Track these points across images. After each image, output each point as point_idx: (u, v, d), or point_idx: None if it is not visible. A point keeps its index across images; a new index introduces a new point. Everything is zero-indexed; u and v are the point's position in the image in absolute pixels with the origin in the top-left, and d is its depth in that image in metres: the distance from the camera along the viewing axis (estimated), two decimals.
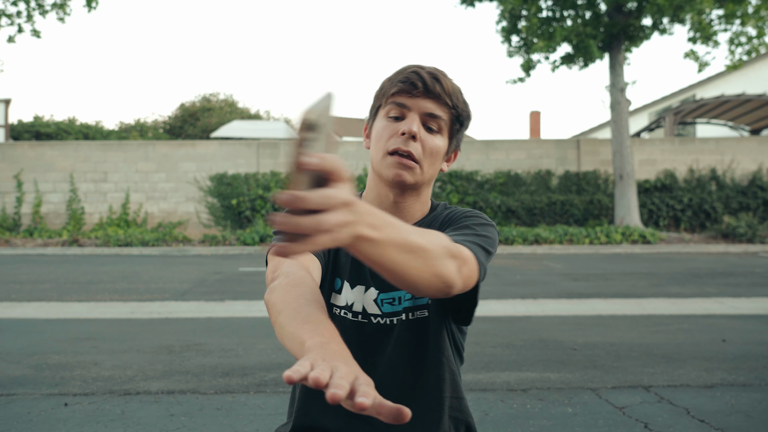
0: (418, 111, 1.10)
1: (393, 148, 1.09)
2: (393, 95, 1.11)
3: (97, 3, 13.01)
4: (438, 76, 1.10)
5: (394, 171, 1.09)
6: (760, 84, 19.36)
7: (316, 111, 0.58)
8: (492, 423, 2.53)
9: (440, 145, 1.12)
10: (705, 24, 12.35)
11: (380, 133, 1.12)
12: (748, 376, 3.17)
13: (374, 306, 1.13)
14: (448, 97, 1.10)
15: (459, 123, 1.14)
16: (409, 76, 1.10)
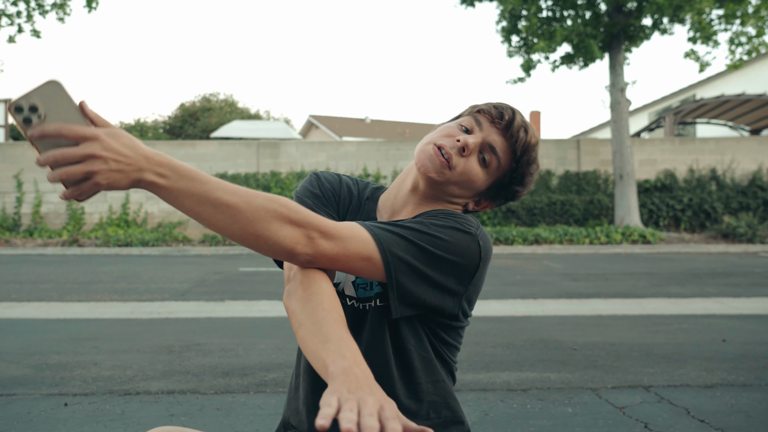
0: (486, 137, 1.08)
1: (440, 144, 1.08)
2: (478, 113, 1.10)
3: (97, 3, 13.01)
4: (527, 128, 1.09)
5: (425, 161, 1.08)
6: (760, 84, 19.36)
7: (33, 95, 0.74)
8: (492, 423, 2.53)
9: (480, 178, 1.09)
10: (705, 24, 12.35)
11: (442, 129, 1.12)
12: (748, 376, 3.17)
13: (351, 288, 1.12)
14: (519, 147, 1.08)
15: (509, 176, 1.11)
16: (505, 108, 1.09)
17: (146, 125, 30.73)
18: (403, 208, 1.16)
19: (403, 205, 1.16)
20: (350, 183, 1.23)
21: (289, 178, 14.33)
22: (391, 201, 1.18)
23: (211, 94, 32.77)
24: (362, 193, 1.22)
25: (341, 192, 1.20)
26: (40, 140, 0.75)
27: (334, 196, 1.19)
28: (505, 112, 1.08)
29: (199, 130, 28.81)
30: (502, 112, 1.08)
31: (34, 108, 0.75)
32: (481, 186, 1.11)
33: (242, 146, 14.73)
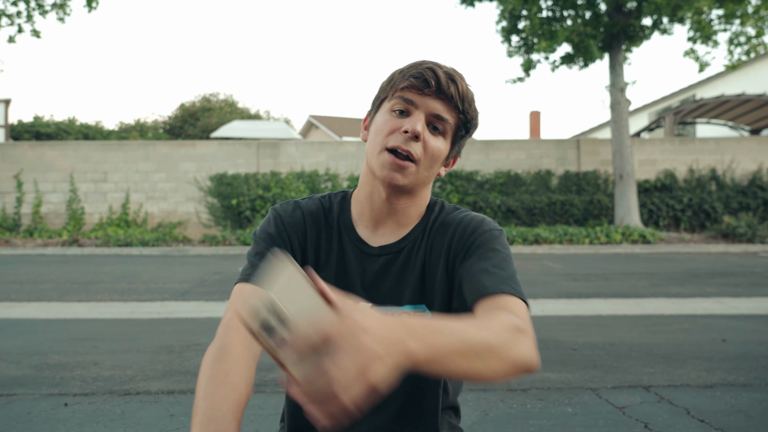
0: (426, 110, 1.04)
1: (392, 146, 1.03)
2: (402, 89, 1.04)
3: (97, 3, 13.01)
4: (455, 77, 1.04)
5: (387, 172, 1.04)
6: (760, 84, 19.36)
7: (272, 302, 0.57)
8: (492, 423, 2.53)
9: (442, 149, 1.07)
10: (704, 24, 12.35)
11: (381, 126, 1.06)
12: (748, 376, 3.17)
13: None
14: (459, 101, 1.04)
15: (465, 129, 1.09)
16: (423, 71, 1.03)
17: (146, 125, 30.73)
18: (387, 219, 1.12)
19: (386, 216, 1.12)
20: (314, 208, 1.15)
21: (289, 178, 14.33)
22: (369, 212, 1.12)
23: (211, 94, 32.78)
24: (330, 214, 1.15)
25: (303, 225, 1.12)
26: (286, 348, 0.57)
27: (296, 233, 1.12)
28: (426, 75, 1.02)
29: (199, 130, 28.81)
30: (425, 78, 1.02)
31: (274, 311, 0.58)
32: (446, 152, 1.09)
33: (242, 146, 14.73)
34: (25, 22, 13.08)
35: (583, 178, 14.49)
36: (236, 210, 14.15)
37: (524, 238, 12.31)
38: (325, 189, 14.30)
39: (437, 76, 1.02)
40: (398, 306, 1.09)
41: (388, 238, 1.12)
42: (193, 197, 14.52)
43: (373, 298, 1.09)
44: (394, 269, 1.11)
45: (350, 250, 1.12)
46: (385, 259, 1.11)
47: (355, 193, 1.16)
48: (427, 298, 1.10)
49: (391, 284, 1.10)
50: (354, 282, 1.11)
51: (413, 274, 1.10)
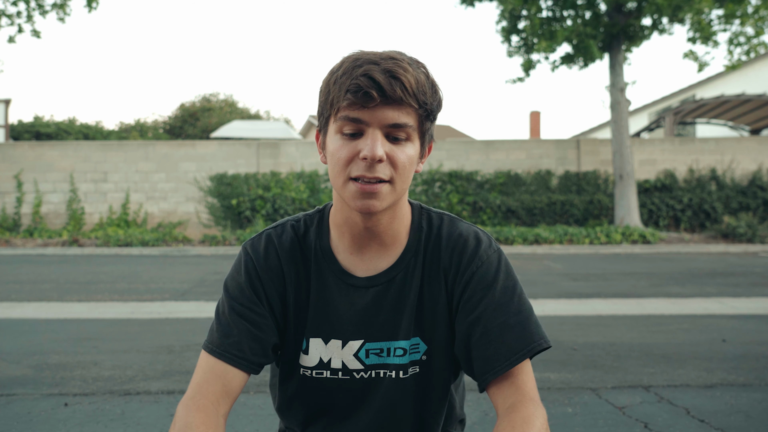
0: (379, 124, 0.90)
1: (356, 175, 0.91)
2: (344, 108, 0.90)
3: (97, 3, 13.01)
4: (396, 72, 0.88)
5: (361, 203, 0.93)
6: (760, 84, 19.36)
7: None
8: (492, 423, 2.53)
9: (412, 155, 0.94)
10: (704, 24, 12.35)
11: (337, 155, 0.93)
12: (748, 376, 3.17)
13: (355, 361, 1.03)
14: (413, 98, 0.89)
15: (430, 119, 0.95)
16: (360, 82, 0.87)
17: (146, 125, 30.74)
18: (370, 243, 1.03)
19: (369, 240, 1.02)
20: (287, 243, 1.04)
21: (289, 178, 14.33)
22: (349, 239, 1.03)
23: (211, 94, 32.79)
24: (305, 242, 1.06)
25: (278, 268, 1.04)
26: None
27: (271, 279, 1.03)
28: (364, 86, 0.87)
29: (199, 130, 28.82)
30: (365, 91, 0.87)
31: None
32: (417, 154, 0.96)
33: (242, 146, 14.73)
34: (25, 22, 13.08)
35: (583, 178, 14.49)
36: (236, 210, 14.15)
37: (524, 238, 12.30)
38: (324, 189, 14.31)
39: (376, 82, 0.87)
40: (393, 341, 1.03)
41: (376, 264, 1.04)
42: (193, 197, 14.52)
43: (365, 333, 1.03)
44: (389, 301, 1.03)
45: (332, 283, 1.03)
46: (375, 290, 1.02)
47: (331, 217, 1.05)
48: (424, 330, 1.04)
49: (385, 317, 1.03)
50: (340, 318, 1.03)
51: (408, 305, 1.03)
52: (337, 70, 0.93)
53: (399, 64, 0.89)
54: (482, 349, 0.97)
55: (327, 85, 0.94)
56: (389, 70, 0.88)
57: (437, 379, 1.06)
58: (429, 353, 1.05)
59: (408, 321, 1.03)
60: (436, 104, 0.94)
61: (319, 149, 1.01)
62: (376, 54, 0.91)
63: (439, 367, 1.06)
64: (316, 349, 1.04)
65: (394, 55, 0.91)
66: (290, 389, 1.09)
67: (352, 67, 0.90)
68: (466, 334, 0.99)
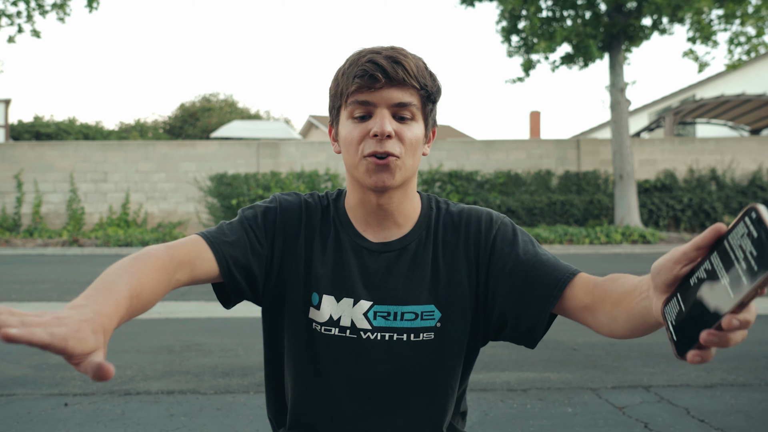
0: (386, 104, 0.99)
1: (368, 152, 0.99)
2: (353, 93, 1.00)
3: (97, 3, 13.01)
4: (398, 58, 0.98)
5: (375, 177, 1.00)
6: (760, 84, 19.36)
7: None
8: (492, 423, 2.53)
9: (418, 133, 1.02)
10: (704, 24, 12.35)
11: (349, 137, 1.02)
12: (748, 376, 3.17)
13: (364, 320, 1.06)
14: (414, 80, 0.99)
15: (431, 102, 1.04)
16: (365, 67, 0.98)
17: (146, 125, 30.73)
18: (384, 221, 1.09)
19: (383, 218, 1.08)
20: (312, 205, 1.13)
21: (289, 178, 14.33)
22: (363, 218, 1.10)
23: (211, 94, 32.78)
24: (327, 211, 1.13)
25: (298, 221, 1.10)
26: None
27: (284, 226, 1.09)
28: (370, 70, 0.97)
29: (199, 130, 28.81)
30: (370, 74, 0.97)
31: None
32: (422, 133, 1.04)
33: (242, 146, 14.73)
34: (25, 22, 13.08)
35: (583, 178, 14.49)
36: (236, 210, 14.15)
37: None
38: (325, 189, 14.30)
39: (380, 65, 0.97)
40: (402, 305, 1.06)
41: (388, 237, 1.10)
42: (193, 197, 14.52)
43: (375, 296, 1.07)
44: (399, 267, 1.08)
45: (347, 246, 1.09)
46: (388, 256, 1.08)
47: (347, 199, 1.12)
48: (439, 298, 1.07)
49: (395, 283, 1.07)
50: (352, 277, 1.08)
51: (423, 274, 1.08)
52: (344, 65, 1.03)
53: (399, 51, 1.01)
54: (531, 287, 1.01)
55: (336, 80, 1.04)
56: (391, 56, 0.99)
57: (452, 346, 1.09)
58: (444, 320, 1.08)
59: (420, 288, 1.07)
60: (436, 89, 1.04)
61: (333, 141, 1.10)
62: (379, 46, 1.02)
63: (454, 334, 1.09)
64: (327, 306, 1.07)
65: (395, 47, 1.02)
66: (297, 346, 1.10)
67: (356, 58, 1.01)
68: (510, 286, 1.04)
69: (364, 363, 1.07)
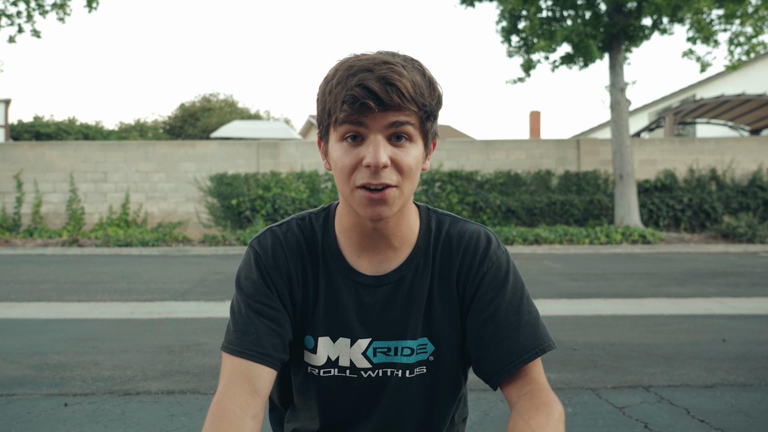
0: (379, 128, 0.89)
1: (361, 183, 0.90)
2: (342, 117, 0.89)
3: (97, 3, 13.01)
4: (391, 78, 0.86)
5: (371, 210, 0.92)
6: (760, 84, 19.36)
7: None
8: (492, 423, 2.53)
9: (416, 155, 0.93)
10: (704, 24, 12.34)
11: (341, 163, 0.92)
12: (748, 376, 3.17)
13: (363, 360, 1.03)
14: (411, 102, 0.88)
15: (432, 117, 0.94)
16: (355, 93, 0.86)
17: (146, 125, 30.73)
18: (379, 244, 1.02)
19: (377, 242, 1.02)
20: (293, 241, 1.04)
21: (289, 178, 14.32)
22: (357, 242, 1.02)
23: (211, 94, 32.79)
24: (312, 241, 1.05)
25: (285, 266, 1.03)
26: None
27: (279, 277, 1.03)
28: (360, 97, 0.86)
29: (199, 130, 28.81)
30: (361, 102, 0.86)
31: None
32: (421, 153, 0.95)
33: (242, 146, 14.73)
34: (25, 22, 13.08)
35: (583, 178, 14.49)
36: (236, 210, 14.15)
37: (524, 238, 12.31)
38: (324, 189, 14.30)
39: (372, 91, 0.86)
40: (401, 340, 1.03)
41: (384, 266, 1.03)
42: (193, 197, 14.52)
43: (374, 331, 1.03)
44: (398, 300, 1.02)
45: (340, 282, 1.03)
46: (385, 289, 1.02)
47: (337, 219, 1.04)
48: (432, 331, 1.04)
49: (393, 316, 1.02)
50: (348, 316, 1.02)
51: (416, 306, 1.03)
52: (332, 79, 0.91)
53: (393, 69, 0.87)
54: (495, 347, 0.99)
55: (323, 94, 0.93)
56: (383, 77, 0.86)
57: (445, 380, 1.07)
58: (437, 354, 1.05)
59: (416, 321, 1.03)
60: (435, 103, 0.93)
61: (323, 155, 1.01)
62: (369, 59, 0.90)
63: (447, 367, 1.06)
64: (324, 347, 1.03)
65: (387, 59, 0.89)
66: (300, 385, 1.10)
67: (346, 76, 0.89)
68: (478, 333, 1.01)
69: (363, 400, 1.06)
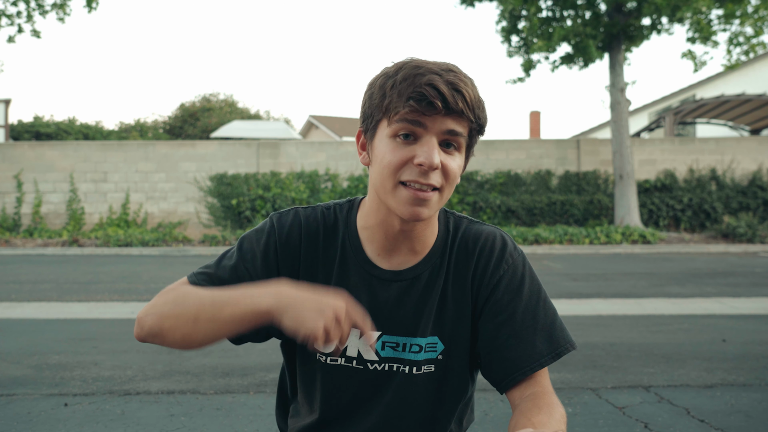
0: (436, 131, 0.91)
1: (409, 179, 0.92)
2: (404, 113, 0.91)
3: (97, 3, 13.01)
4: (458, 86, 0.90)
5: (411, 209, 0.93)
6: (760, 84, 19.36)
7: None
8: (492, 423, 2.53)
9: (460, 164, 0.97)
10: (704, 24, 12.34)
11: (388, 157, 0.93)
12: (748, 376, 3.17)
13: (371, 352, 1.03)
14: (471, 112, 0.92)
15: (478, 134, 0.98)
16: (425, 91, 0.88)
17: (146, 125, 30.73)
18: (401, 245, 1.03)
19: (401, 243, 1.03)
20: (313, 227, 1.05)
21: (289, 178, 14.33)
22: (381, 240, 1.03)
23: (211, 94, 32.79)
24: (333, 231, 1.06)
25: (297, 247, 1.04)
26: None
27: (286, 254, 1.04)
28: (429, 95, 0.89)
29: (199, 130, 28.81)
30: (428, 100, 0.89)
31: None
32: (463, 165, 0.99)
33: (242, 146, 14.73)
34: (25, 22, 13.08)
35: (583, 178, 14.49)
36: (236, 210, 14.15)
37: (524, 238, 12.31)
38: (325, 189, 14.30)
39: (441, 93, 0.89)
40: (411, 337, 1.03)
41: (401, 264, 1.04)
42: (193, 197, 14.52)
43: (383, 325, 1.03)
44: (411, 297, 1.03)
45: (355, 273, 1.04)
46: (399, 285, 1.03)
47: (363, 215, 1.05)
48: (444, 330, 1.04)
49: (407, 314, 1.03)
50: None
51: (431, 304, 1.04)
52: (395, 75, 0.93)
53: (459, 77, 0.91)
54: (509, 350, 1.00)
55: (382, 89, 0.94)
56: (452, 82, 0.90)
57: (452, 380, 1.06)
58: (446, 353, 1.05)
59: (427, 319, 1.03)
60: (485, 120, 0.97)
61: (360, 150, 1.02)
62: (436, 64, 0.93)
63: (456, 367, 1.06)
64: None
65: (453, 68, 0.93)
66: (305, 374, 1.11)
67: (413, 74, 0.91)
68: (492, 336, 1.01)
69: (367, 393, 1.06)
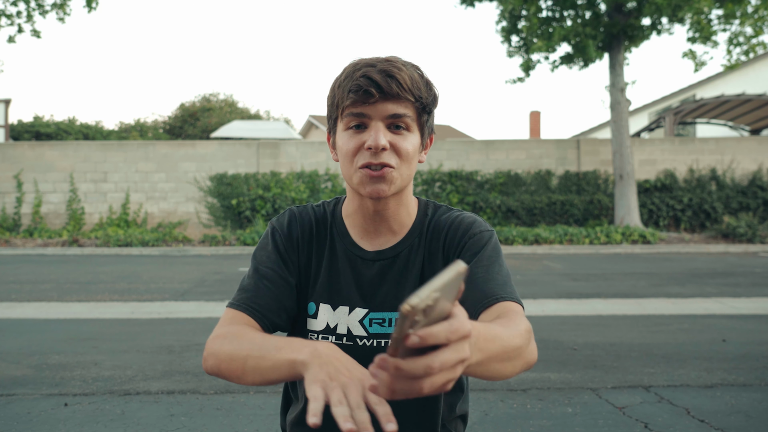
0: (380, 116, 1.01)
1: (363, 164, 1.03)
2: (348, 106, 1.02)
3: (97, 3, 13.01)
4: (391, 71, 0.99)
5: (371, 187, 1.03)
6: (760, 84, 19.36)
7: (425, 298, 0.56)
8: (492, 423, 2.53)
9: (414, 143, 1.05)
10: (704, 24, 12.34)
11: (345, 147, 1.05)
12: (748, 376, 3.17)
13: (360, 327, 1.09)
14: (408, 93, 1.00)
15: (427, 112, 1.06)
16: (359, 82, 0.99)
17: (146, 125, 30.73)
18: (380, 227, 1.12)
19: (379, 224, 1.12)
20: (306, 221, 1.16)
21: (289, 178, 14.32)
22: (360, 225, 1.13)
23: (211, 94, 32.79)
24: (322, 222, 1.17)
25: (297, 242, 1.14)
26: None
27: (293, 250, 1.13)
28: (363, 85, 0.99)
29: (199, 130, 28.81)
30: (364, 89, 0.99)
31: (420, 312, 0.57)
32: (418, 143, 1.06)
33: (242, 146, 14.73)
34: (25, 22, 13.08)
35: (583, 178, 14.49)
36: (236, 210, 14.15)
37: (524, 238, 12.31)
38: (325, 189, 14.30)
39: (374, 80, 0.99)
40: (396, 312, 1.09)
41: (382, 244, 1.14)
42: (193, 197, 14.52)
43: (370, 303, 1.10)
44: (392, 274, 1.11)
45: (343, 255, 1.13)
46: (381, 264, 1.12)
47: (345, 205, 1.16)
48: None
49: (388, 289, 1.11)
50: (348, 287, 1.11)
51: (411, 279, 1.11)
52: (340, 76, 1.05)
53: (393, 64, 1.01)
54: (485, 282, 1.03)
55: (332, 90, 1.07)
56: (385, 70, 1.00)
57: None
58: None
59: (408, 294, 1.08)
60: (431, 99, 1.05)
61: (331, 149, 1.13)
62: (375, 58, 1.04)
63: None
64: (324, 314, 1.11)
65: (390, 58, 1.04)
66: None
67: (352, 71, 1.02)
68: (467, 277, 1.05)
69: None
